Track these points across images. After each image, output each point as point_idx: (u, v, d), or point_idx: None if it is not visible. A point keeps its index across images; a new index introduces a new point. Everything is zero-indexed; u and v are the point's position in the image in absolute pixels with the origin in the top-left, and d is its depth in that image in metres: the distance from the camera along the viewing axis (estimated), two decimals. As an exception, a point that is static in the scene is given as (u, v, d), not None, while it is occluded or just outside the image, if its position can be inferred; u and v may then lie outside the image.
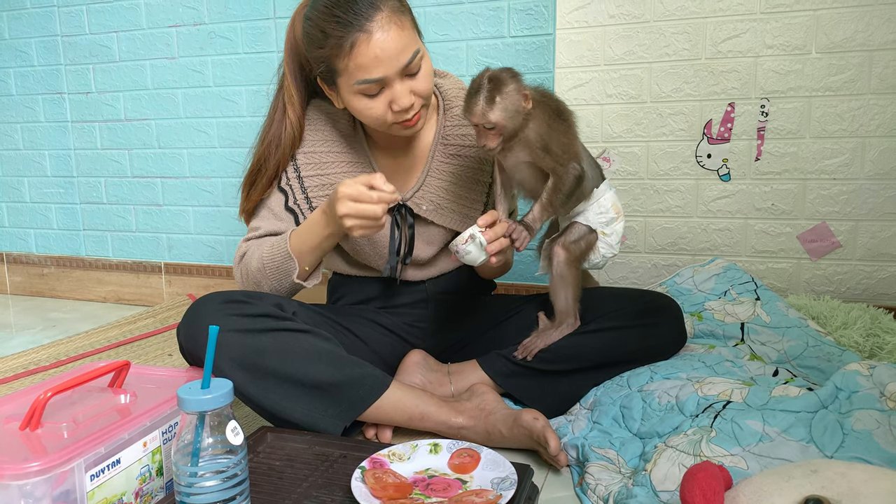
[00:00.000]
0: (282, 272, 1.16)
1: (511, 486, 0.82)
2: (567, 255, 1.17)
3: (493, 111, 1.04)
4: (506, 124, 1.05)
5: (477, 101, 1.04)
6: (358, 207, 1.04)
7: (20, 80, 2.31)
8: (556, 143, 1.08)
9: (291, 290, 1.19)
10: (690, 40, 1.52)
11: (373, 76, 1.07)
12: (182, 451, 0.72)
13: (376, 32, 1.05)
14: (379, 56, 1.06)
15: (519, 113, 1.06)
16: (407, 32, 1.08)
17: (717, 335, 1.31)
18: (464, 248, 1.08)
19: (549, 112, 1.10)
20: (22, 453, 0.75)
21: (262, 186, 1.23)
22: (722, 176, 1.56)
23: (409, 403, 1.09)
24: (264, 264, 1.16)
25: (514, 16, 1.74)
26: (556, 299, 1.19)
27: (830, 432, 0.88)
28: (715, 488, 0.66)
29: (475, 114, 1.05)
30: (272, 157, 1.22)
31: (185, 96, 2.12)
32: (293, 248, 1.15)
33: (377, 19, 1.05)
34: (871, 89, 1.43)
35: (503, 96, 1.04)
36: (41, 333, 1.96)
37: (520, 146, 1.10)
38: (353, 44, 1.05)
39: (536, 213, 1.12)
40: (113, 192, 2.27)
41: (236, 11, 2.01)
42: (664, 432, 1.00)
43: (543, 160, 1.09)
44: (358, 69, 1.07)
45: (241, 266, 1.21)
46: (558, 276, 1.17)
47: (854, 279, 1.51)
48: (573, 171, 1.09)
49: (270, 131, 1.23)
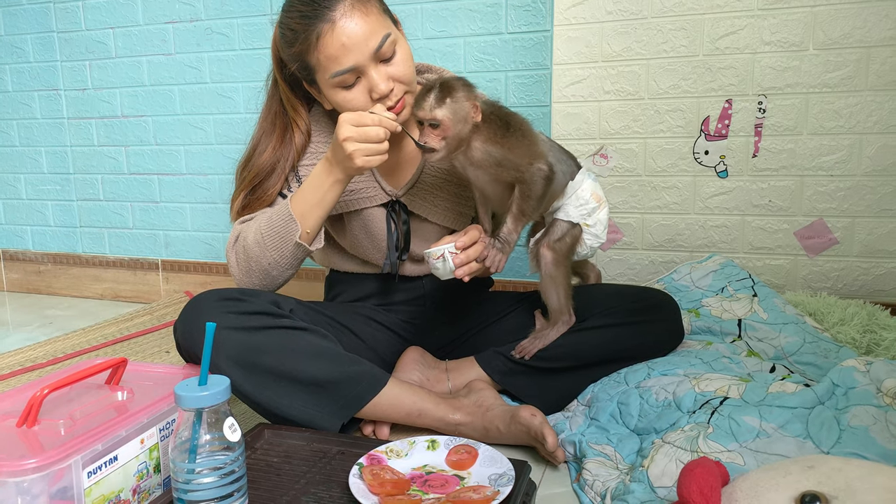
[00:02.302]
0: (282, 237, 1.11)
1: (509, 482, 0.83)
2: (554, 255, 1.17)
3: (440, 108, 1.05)
4: (450, 126, 1.06)
5: (427, 97, 1.06)
6: (359, 130, 1.04)
7: (16, 77, 2.30)
8: (511, 154, 1.08)
9: (293, 257, 1.13)
10: (688, 37, 1.52)
11: (344, 66, 1.07)
12: (179, 448, 0.72)
13: (339, 20, 1.06)
14: (346, 44, 1.06)
15: (466, 122, 1.07)
16: (373, 17, 1.08)
17: (715, 331, 1.32)
18: (433, 262, 1.09)
19: (496, 127, 1.09)
20: (19, 450, 0.75)
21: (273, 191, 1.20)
22: (719, 172, 1.56)
23: (407, 400, 1.09)
24: (262, 234, 1.12)
25: (512, 12, 1.73)
26: (549, 299, 1.19)
27: (827, 428, 0.88)
28: (712, 484, 0.66)
29: (423, 108, 1.06)
30: (281, 165, 1.19)
31: (181, 93, 2.11)
32: (295, 210, 1.12)
33: (338, 8, 1.06)
34: (869, 86, 1.43)
35: (454, 99, 1.06)
36: (38, 330, 1.96)
37: (473, 169, 1.11)
38: (319, 35, 1.06)
39: (510, 225, 1.12)
40: (109, 188, 2.27)
41: (233, 8, 2.00)
42: (661, 428, 1.00)
43: (502, 174, 1.10)
44: (329, 61, 1.07)
45: (237, 246, 1.16)
46: (547, 276, 1.17)
47: (851, 275, 1.51)
48: (539, 174, 1.09)
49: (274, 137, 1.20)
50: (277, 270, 1.14)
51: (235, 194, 1.22)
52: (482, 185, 1.15)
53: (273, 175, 1.20)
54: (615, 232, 1.65)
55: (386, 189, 1.25)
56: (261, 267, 1.14)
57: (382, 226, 1.24)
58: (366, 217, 1.25)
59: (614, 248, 1.66)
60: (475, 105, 1.07)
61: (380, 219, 1.25)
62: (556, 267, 1.17)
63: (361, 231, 1.26)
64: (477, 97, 1.08)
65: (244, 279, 1.17)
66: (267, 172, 1.19)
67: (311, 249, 1.14)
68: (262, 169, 1.19)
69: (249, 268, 1.15)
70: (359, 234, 1.26)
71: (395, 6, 1.30)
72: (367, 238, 1.26)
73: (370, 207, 1.24)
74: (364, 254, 1.29)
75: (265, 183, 1.20)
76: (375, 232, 1.25)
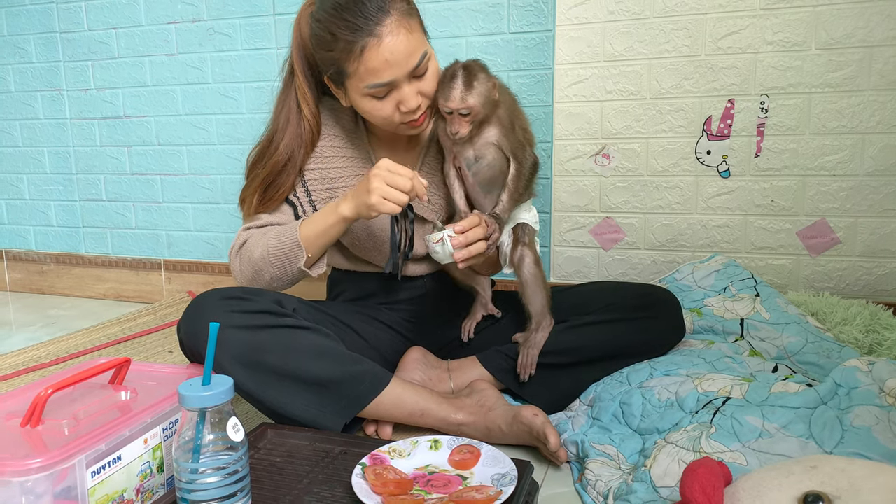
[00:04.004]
0: (287, 260, 1.15)
1: (511, 482, 0.83)
2: (533, 255, 1.20)
3: (471, 95, 1.07)
4: (481, 109, 1.09)
5: (454, 86, 1.08)
6: (391, 175, 1.05)
7: (19, 77, 2.30)
8: (518, 124, 1.15)
9: (293, 278, 1.18)
10: (690, 36, 1.52)
11: (382, 80, 1.08)
12: (183, 448, 0.73)
13: (386, 37, 1.05)
14: (389, 60, 1.06)
15: (490, 101, 1.10)
16: (415, 35, 1.09)
17: (717, 331, 1.32)
18: (433, 246, 1.10)
19: (510, 100, 1.17)
20: (23, 450, 0.75)
21: (286, 188, 1.21)
22: (721, 172, 1.56)
23: (409, 400, 1.09)
24: (269, 252, 1.15)
25: (514, 12, 1.73)
26: (534, 301, 1.20)
27: (830, 428, 0.88)
28: (714, 484, 0.66)
29: (453, 99, 1.08)
30: (294, 160, 1.20)
31: (184, 93, 2.12)
32: (302, 236, 1.14)
33: (387, 23, 1.05)
34: (871, 86, 1.43)
35: (479, 82, 1.08)
36: (41, 330, 1.97)
37: (491, 124, 1.13)
38: (364, 48, 1.06)
39: (505, 202, 1.15)
40: (112, 188, 2.27)
41: (235, 8, 2.00)
42: (664, 428, 1.00)
43: (509, 137, 1.13)
44: (368, 73, 1.08)
45: (242, 253, 1.19)
46: (532, 276, 1.19)
47: (853, 275, 1.51)
48: (530, 158, 1.16)
49: (287, 132, 1.20)
50: (277, 283, 1.19)
51: (248, 191, 1.23)
52: (485, 148, 1.14)
53: (285, 171, 1.20)
54: (617, 232, 1.65)
55: None
56: (263, 280, 1.18)
57: (385, 227, 1.24)
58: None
59: (616, 248, 1.66)
60: (494, 83, 1.11)
61: (383, 220, 1.25)
62: (538, 266, 1.20)
63: (364, 232, 1.26)
64: (493, 77, 1.12)
65: (244, 284, 1.20)
66: (280, 169, 1.20)
67: (311, 275, 1.19)
68: (278, 164, 1.20)
69: (253, 278, 1.19)
70: (361, 234, 1.26)
71: (398, 6, 1.31)
72: (370, 239, 1.26)
73: None
74: (365, 254, 1.29)
75: (278, 179, 1.21)
76: (378, 233, 1.25)
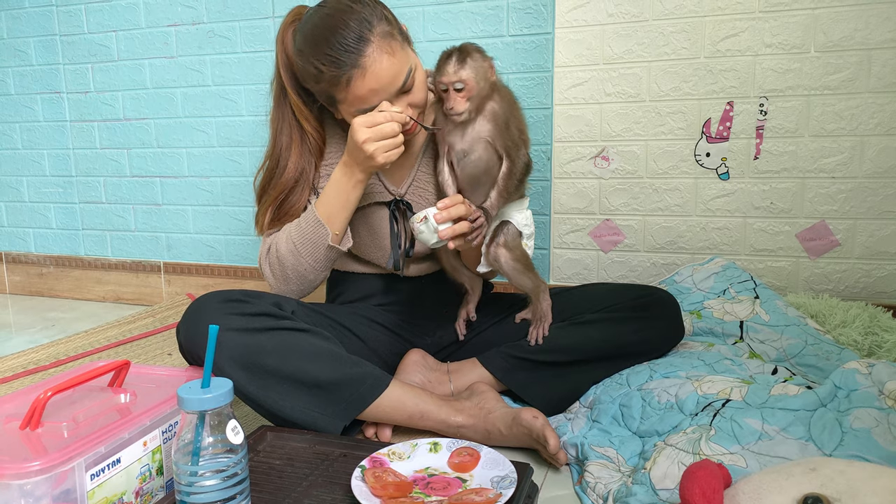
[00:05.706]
0: (314, 243, 1.15)
1: (511, 484, 0.83)
2: (510, 253, 1.21)
3: (464, 69, 1.09)
4: (475, 85, 1.09)
5: (448, 62, 1.09)
6: (375, 130, 1.07)
7: (19, 80, 2.31)
8: (514, 123, 1.15)
9: (327, 259, 1.18)
10: (689, 39, 1.52)
11: (371, 104, 1.11)
12: (182, 451, 0.73)
13: (370, 67, 1.08)
14: (375, 87, 1.09)
15: (486, 80, 1.11)
16: (398, 56, 1.10)
17: (717, 333, 1.32)
18: (417, 226, 1.09)
19: (510, 99, 1.17)
20: (22, 453, 0.75)
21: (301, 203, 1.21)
22: (721, 175, 1.56)
23: (409, 402, 1.09)
24: (294, 242, 1.16)
25: (513, 14, 1.74)
26: (523, 283, 1.22)
27: (829, 430, 0.88)
28: (714, 486, 0.66)
29: (447, 73, 1.09)
30: (306, 175, 1.21)
31: (184, 95, 2.12)
32: (321, 214, 1.15)
33: (368, 53, 1.07)
34: (870, 88, 1.43)
35: (473, 59, 1.10)
36: (40, 333, 1.96)
37: (484, 118, 1.14)
38: (350, 80, 1.08)
39: (494, 199, 1.16)
40: (112, 191, 2.27)
41: (235, 10, 2.01)
42: (663, 431, 1.00)
43: (503, 135, 1.14)
44: (356, 100, 1.11)
45: (270, 256, 1.20)
46: (511, 268, 1.21)
47: (853, 277, 1.51)
48: (523, 158, 1.16)
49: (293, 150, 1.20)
50: (314, 274, 1.18)
51: (261, 210, 1.23)
52: (477, 143, 1.15)
53: (298, 187, 1.21)
54: (617, 234, 1.65)
55: (389, 188, 1.26)
56: (297, 273, 1.17)
57: (385, 224, 1.25)
58: (369, 216, 1.26)
59: (616, 251, 1.66)
60: (491, 64, 1.12)
61: (383, 217, 1.26)
62: (517, 260, 1.21)
63: (364, 229, 1.26)
64: (490, 59, 1.13)
65: (281, 287, 1.20)
66: (292, 186, 1.21)
67: (342, 250, 1.18)
68: (288, 183, 1.21)
69: (286, 276, 1.18)
70: (361, 232, 1.27)
71: (398, 9, 1.31)
72: (370, 236, 1.27)
73: (374, 205, 1.26)
74: (365, 253, 1.29)
75: (291, 197, 1.21)
76: (378, 230, 1.26)
